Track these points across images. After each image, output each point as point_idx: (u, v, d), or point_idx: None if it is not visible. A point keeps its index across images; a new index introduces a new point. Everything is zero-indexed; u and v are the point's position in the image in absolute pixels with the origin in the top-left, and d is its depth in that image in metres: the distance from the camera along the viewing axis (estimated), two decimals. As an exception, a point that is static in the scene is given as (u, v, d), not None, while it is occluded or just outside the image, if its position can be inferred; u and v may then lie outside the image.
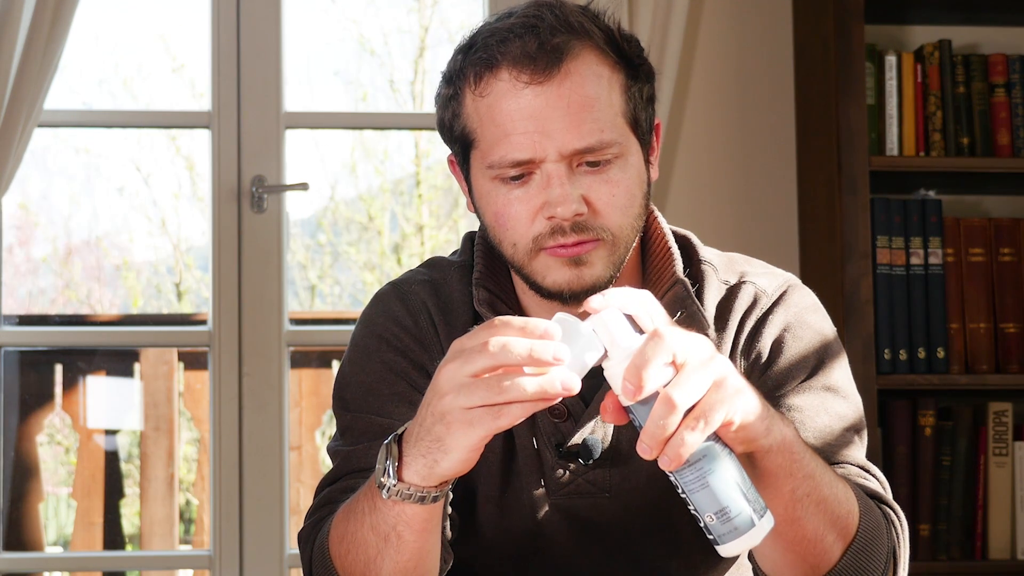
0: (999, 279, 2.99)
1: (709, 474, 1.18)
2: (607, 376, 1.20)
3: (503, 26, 1.46)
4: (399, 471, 1.27)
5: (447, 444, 1.22)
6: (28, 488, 4.15)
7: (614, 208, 1.45)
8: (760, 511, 1.19)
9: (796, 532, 1.33)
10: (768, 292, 1.56)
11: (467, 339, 1.20)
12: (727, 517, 1.18)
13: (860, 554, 1.38)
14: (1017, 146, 3.01)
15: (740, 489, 1.18)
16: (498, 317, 1.20)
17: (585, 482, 1.52)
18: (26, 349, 4.12)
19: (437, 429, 1.22)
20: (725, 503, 1.18)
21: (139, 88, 6.55)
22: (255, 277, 3.05)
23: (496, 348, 1.17)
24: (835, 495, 1.35)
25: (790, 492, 1.31)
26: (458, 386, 1.19)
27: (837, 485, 1.36)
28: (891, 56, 2.98)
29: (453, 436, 1.21)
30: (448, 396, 1.19)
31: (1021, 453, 2.99)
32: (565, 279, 1.45)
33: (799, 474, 1.31)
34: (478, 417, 1.19)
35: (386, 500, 1.28)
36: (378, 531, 1.33)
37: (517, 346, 1.17)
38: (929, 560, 2.91)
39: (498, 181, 1.46)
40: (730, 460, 1.19)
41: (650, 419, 1.16)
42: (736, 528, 1.18)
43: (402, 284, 1.60)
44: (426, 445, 1.23)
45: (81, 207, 6.71)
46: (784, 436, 1.29)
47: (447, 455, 1.22)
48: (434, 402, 1.21)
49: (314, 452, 4.53)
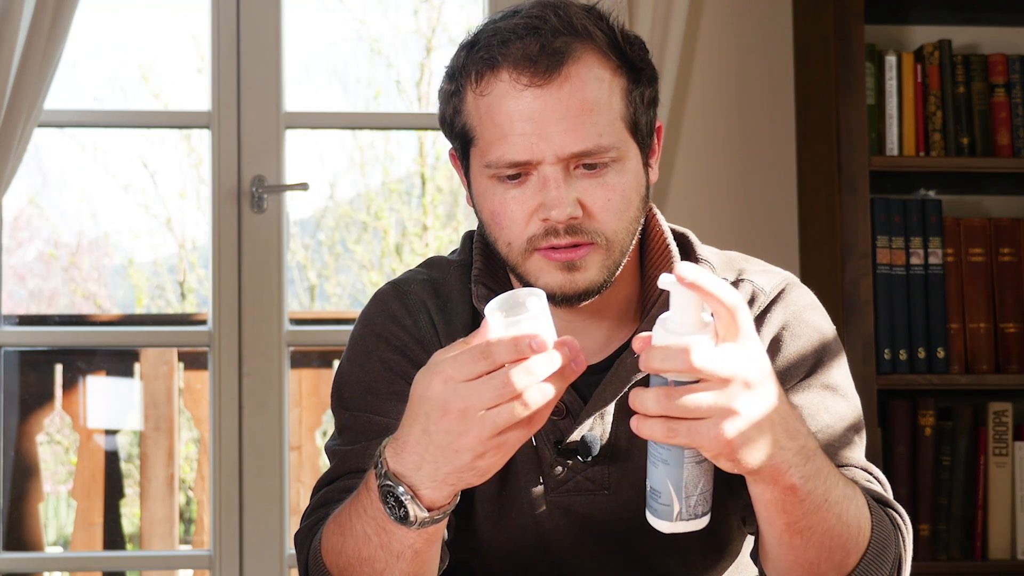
0: (999, 279, 2.99)
1: (664, 462, 1.24)
2: (662, 326, 1.20)
3: (506, 26, 1.45)
4: (420, 501, 1.28)
5: (481, 469, 1.25)
6: (28, 488, 4.15)
7: (609, 212, 1.45)
8: (690, 515, 1.25)
9: (805, 555, 1.35)
10: (766, 290, 1.56)
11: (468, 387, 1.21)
12: (656, 497, 1.26)
13: (869, 566, 1.39)
14: (1017, 146, 3.00)
15: (682, 488, 1.24)
16: (484, 344, 1.21)
17: (584, 479, 1.53)
18: (26, 349, 4.12)
19: (481, 464, 1.24)
20: (659, 488, 1.25)
21: (154, 86, 6.55)
22: (255, 277, 3.05)
23: (506, 382, 1.19)
24: (849, 519, 1.36)
25: (808, 523, 1.32)
26: (490, 426, 1.21)
27: (851, 505, 1.36)
28: (891, 56, 2.98)
29: (496, 461, 1.24)
30: (471, 432, 1.21)
31: (1021, 453, 2.99)
32: (557, 283, 1.45)
33: (824, 510, 1.32)
34: (511, 439, 1.22)
35: (406, 528, 1.30)
36: (390, 550, 1.33)
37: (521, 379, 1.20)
38: (929, 560, 2.91)
39: (495, 180, 1.46)
40: (691, 464, 1.24)
41: (663, 391, 1.18)
42: (656, 511, 1.26)
43: (401, 283, 1.60)
44: (455, 477, 1.25)
45: (87, 205, 6.72)
46: (814, 489, 1.30)
47: (483, 477, 1.26)
48: (454, 441, 1.22)
49: (314, 452, 4.53)
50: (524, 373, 1.19)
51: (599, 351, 1.54)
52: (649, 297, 1.54)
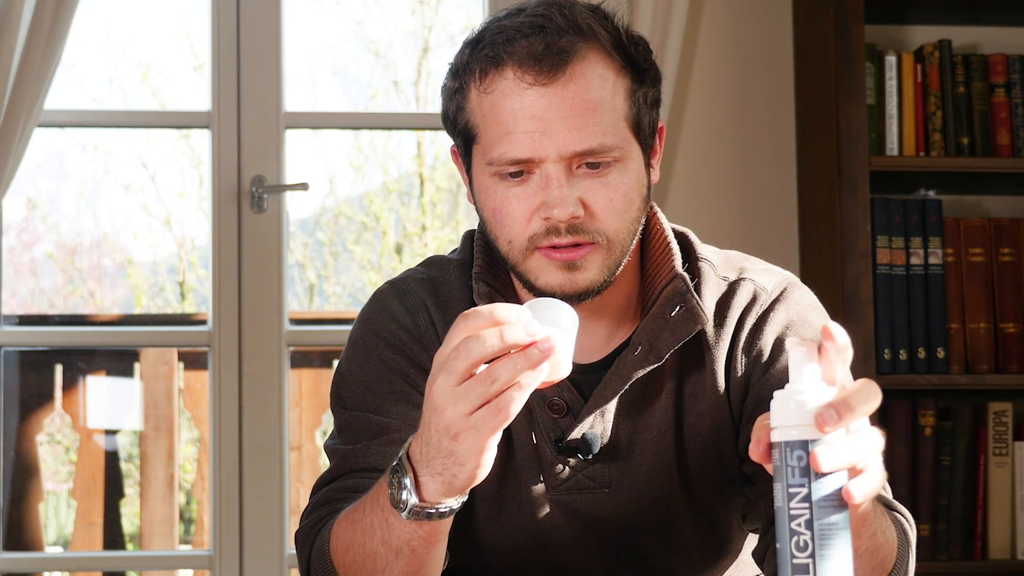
0: (999, 279, 2.99)
1: (838, 512, 1.08)
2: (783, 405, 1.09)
3: (511, 23, 1.45)
4: (418, 491, 1.27)
5: (460, 456, 1.23)
6: (28, 488, 4.15)
7: (611, 212, 1.45)
8: None
9: None
10: (768, 289, 1.56)
11: (443, 348, 1.21)
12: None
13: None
14: (1017, 146, 3.01)
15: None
16: (466, 311, 1.21)
17: (584, 477, 1.53)
18: (26, 349, 4.12)
19: (446, 444, 1.22)
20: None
21: (153, 86, 6.55)
22: (255, 277, 3.05)
23: (470, 345, 1.18)
24: (889, 535, 1.36)
25: (867, 546, 1.32)
26: (451, 397, 1.20)
27: (884, 520, 1.36)
28: (891, 56, 2.98)
29: (463, 445, 1.22)
30: (447, 409, 1.20)
31: (1021, 453, 2.99)
32: (558, 282, 1.45)
33: (877, 532, 1.32)
34: (480, 419, 1.20)
35: (403, 519, 1.29)
36: (390, 546, 1.33)
37: (489, 336, 1.18)
38: (929, 560, 2.91)
39: (497, 178, 1.46)
40: None
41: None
42: None
43: (400, 283, 1.60)
44: (440, 463, 1.24)
45: (87, 205, 6.71)
46: (871, 510, 1.29)
47: (463, 467, 1.23)
48: (434, 420, 1.22)
49: (314, 452, 4.53)
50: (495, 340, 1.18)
51: (599, 349, 1.54)
52: (649, 296, 1.54)
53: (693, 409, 1.53)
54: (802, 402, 1.08)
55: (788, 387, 1.10)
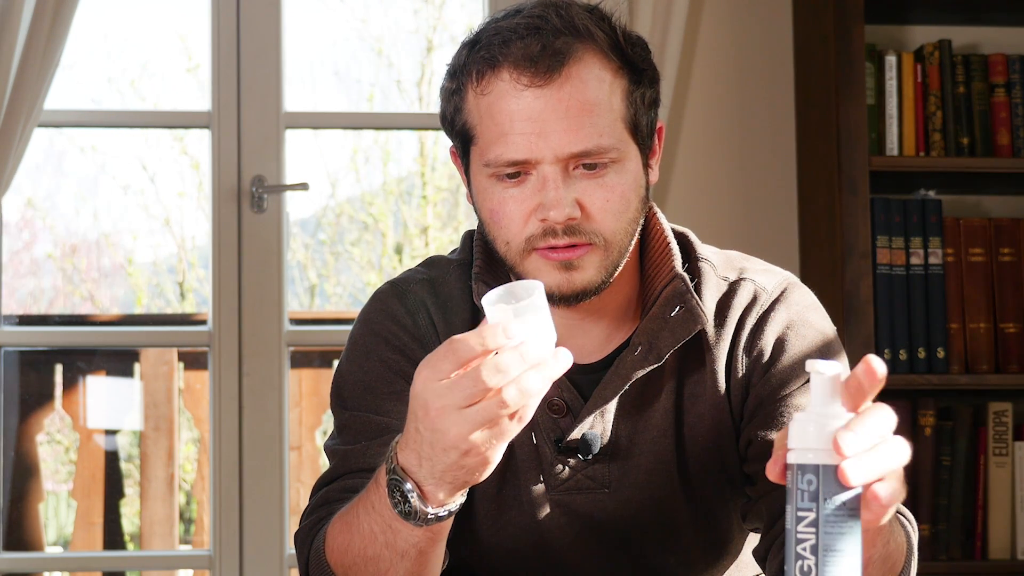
0: (999, 279, 2.99)
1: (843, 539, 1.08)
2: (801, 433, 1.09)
3: (508, 25, 1.45)
4: (424, 499, 1.27)
5: (471, 467, 1.23)
6: (28, 488, 4.15)
7: (608, 213, 1.45)
8: None
9: None
10: (768, 289, 1.56)
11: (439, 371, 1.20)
12: None
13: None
14: (1017, 146, 3.00)
15: None
16: (450, 340, 1.20)
17: (584, 477, 1.53)
18: (26, 349, 4.12)
19: (454, 458, 1.22)
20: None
21: (149, 87, 6.55)
22: (255, 277, 3.05)
23: (476, 380, 1.17)
24: (900, 539, 1.36)
25: (882, 553, 1.32)
26: (468, 424, 1.19)
27: (896, 524, 1.36)
28: (891, 56, 2.98)
29: (474, 459, 1.22)
30: (473, 435, 1.20)
31: (1021, 453, 2.99)
32: (555, 282, 1.45)
33: (891, 538, 1.33)
34: (495, 437, 1.21)
35: (412, 525, 1.29)
36: (395, 549, 1.33)
37: (492, 377, 1.17)
38: (929, 560, 2.91)
39: (494, 179, 1.46)
40: None
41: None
42: None
43: (400, 283, 1.60)
44: (451, 475, 1.24)
45: (86, 206, 6.71)
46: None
47: (474, 473, 1.24)
48: (449, 443, 1.21)
49: (314, 452, 4.53)
50: (494, 371, 1.17)
51: (599, 349, 1.54)
52: (649, 296, 1.54)
53: (693, 409, 1.53)
54: (821, 426, 1.09)
55: (809, 410, 1.10)
